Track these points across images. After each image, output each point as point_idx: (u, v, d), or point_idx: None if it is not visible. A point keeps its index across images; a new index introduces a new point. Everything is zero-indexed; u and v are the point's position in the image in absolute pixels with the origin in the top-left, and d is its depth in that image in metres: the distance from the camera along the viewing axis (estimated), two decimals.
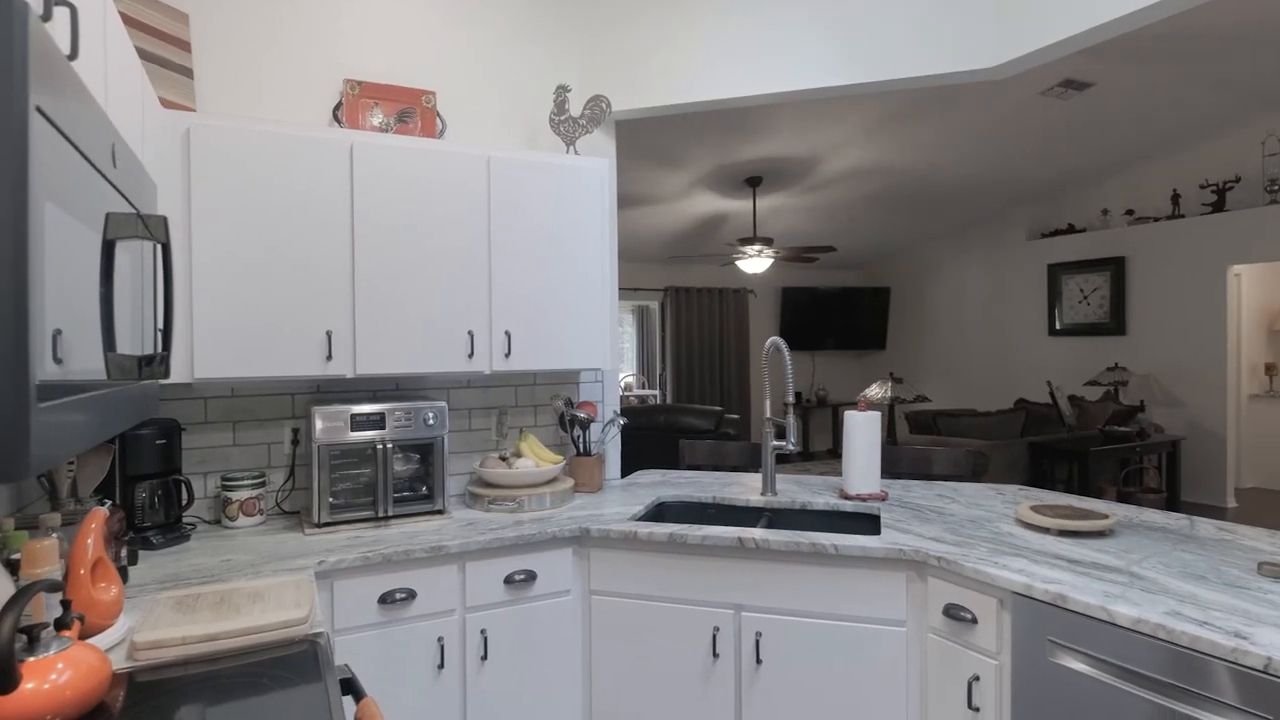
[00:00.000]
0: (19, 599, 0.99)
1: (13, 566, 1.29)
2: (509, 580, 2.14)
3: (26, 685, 1.00)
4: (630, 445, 5.10)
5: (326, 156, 2.20)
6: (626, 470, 4.65)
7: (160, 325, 1.32)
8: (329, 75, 2.55)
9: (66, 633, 1.10)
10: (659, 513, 2.59)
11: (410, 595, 2.01)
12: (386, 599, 1.98)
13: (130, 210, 1.14)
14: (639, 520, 2.32)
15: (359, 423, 2.23)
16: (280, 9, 2.47)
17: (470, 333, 2.40)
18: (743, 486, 2.71)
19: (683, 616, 2.12)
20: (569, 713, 2.23)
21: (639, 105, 2.89)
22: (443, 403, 2.35)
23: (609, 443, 2.96)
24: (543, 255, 2.53)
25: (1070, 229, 7.46)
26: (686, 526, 2.15)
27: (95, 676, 1.08)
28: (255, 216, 2.11)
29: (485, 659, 2.11)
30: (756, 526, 2.24)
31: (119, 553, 1.70)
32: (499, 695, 2.13)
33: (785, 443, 2.48)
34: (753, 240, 6.33)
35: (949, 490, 2.64)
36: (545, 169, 2.52)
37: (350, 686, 1.33)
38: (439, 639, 2.04)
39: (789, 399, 2.47)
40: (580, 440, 2.76)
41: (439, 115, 2.67)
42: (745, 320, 9.10)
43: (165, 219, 1.14)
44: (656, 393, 8.81)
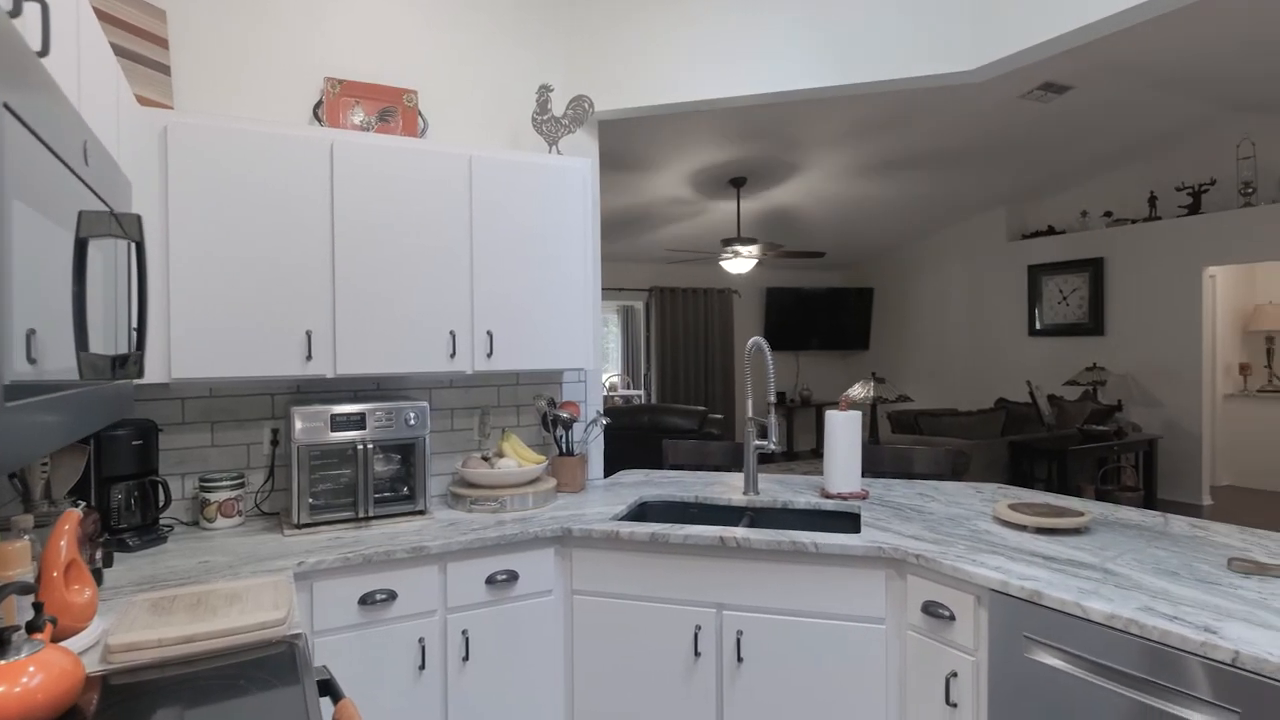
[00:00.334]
0: None
1: None
2: (491, 580, 2.14)
3: None
4: (614, 445, 5.10)
5: (306, 155, 2.19)
6: (610, 470, 4.64)
7: (134, 324, 1.31)
8: (309, 73, 2.53)
9: (38, 636, 1.09)
10: (641, 512, 2.59)
11: (391, 596, 2.00)
12: (367, 600, 1.97)
13: (103, 209, 1.13)
14: (621, 520, 2.33)
15: (339, 423, 2.22)
16: (260, 5, 2.45)
17: (452, 332, 2.39)
18: (725, 486, 2.72)
19: (664, 616, 2.13)
20: (551, 713, 2.23)
21: (622, 105, 2.89)
22: (424, 403, 2.34)
23: (592, 443, 2.96)
24: (525, 255, 2.52)
25: (1050, 230, 7.54)
26: (668, 526, 2.15)
27: (68, 680, 1.07)
28: (234, 215, 2.09)
29: (467, 659, 2.10)
30: (738, 526, 2.25)
31: (94, 555, 1.68)
32: (480, 696, 2.12)
33: (767, 442, 2.49)
34: (737, 241, 6.35)
35: (929, 489, 2.66)
36: (528, 169, 2.52)
37: (328, 688, 1.33)
38: (420, 640, 2.04)
39: (771, 399, 2.48)
40: (563, 440, 2.76)
41: (421, 114, 2.66)
42: (730, 320, 9.13)
43: (139, 217, 1.13)
44: (641, 393, 8.82)
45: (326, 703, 1.67)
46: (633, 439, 5.06)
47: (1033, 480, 5.66)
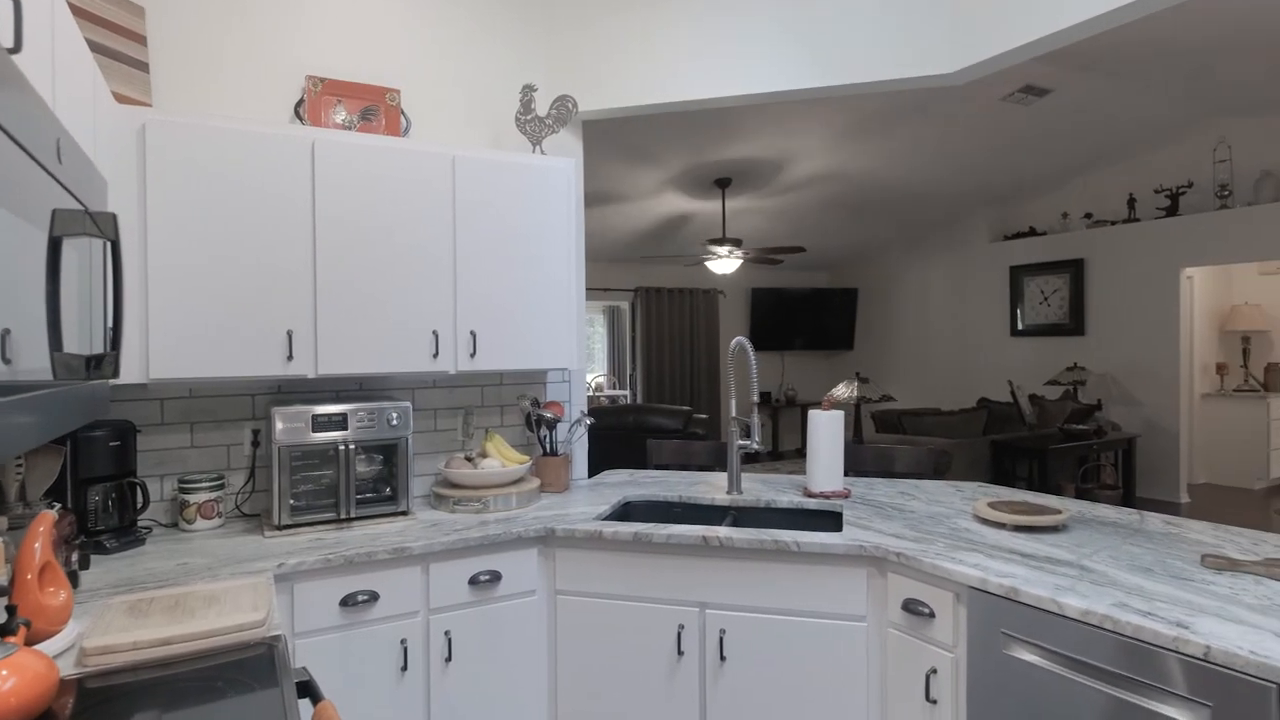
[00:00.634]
0: None
1: None
2: (474, 581, 2.13)
3: None
4: (599, 445, 5.10)
5: (287, 154, 2.17)
6: (595, 470, 4.64)
7: (110, 324, 1.29)
8: (290, 71, 2.51)
9: (11, 639, 1.07)
10: (625, 512, 2.60)
11: (373, 597, 1.99)
12: (348, 601, 1.95)
13: (78, 207, 1.11)
14: (605, 520, 2.33)
15: (321, 423, 2.20)
16: (241, 2, 2.43)
17: (435, 332, 2.39)
18: (709, 485, 2.73)
19: (648, 615, 2.13)
20: (534, 713, 2.22)
21: (605, 106, 2.89)
22: (407, 403, 2.33)
23: (576, 442, 2.96)
24: (509, 255, 2.52)
25: (1031, 232, 7.63)
26: (651, 525, 2.16)
27: (41, 683, 1.06)
28: (213, 214, 2.08)
29: (449, 660, 2.10)
30: (722, 525, 2.26)
31: (69, 557, 1.66)
32: (463, 696, 2.12)
33: (750, 442, 2.50)
34: (722, 241, 6.37)
35: (911, 487, 2.69)
36: (511, 169, 2.52)
37: (308, 689, 1.32)
38: (402, 641, 2.03)
39: (754, 398, 2.49)
40: (547, 440, 2.76)
41: (403, 113, 2.65)
42: (715, 320, 9.15)
43: (114, 216, 1.12)
44: (627, 393, 8.82)
45: (306, 704, 1.66)
46: (618, 439, 5.06)
47: (1014, 479, 5.72)
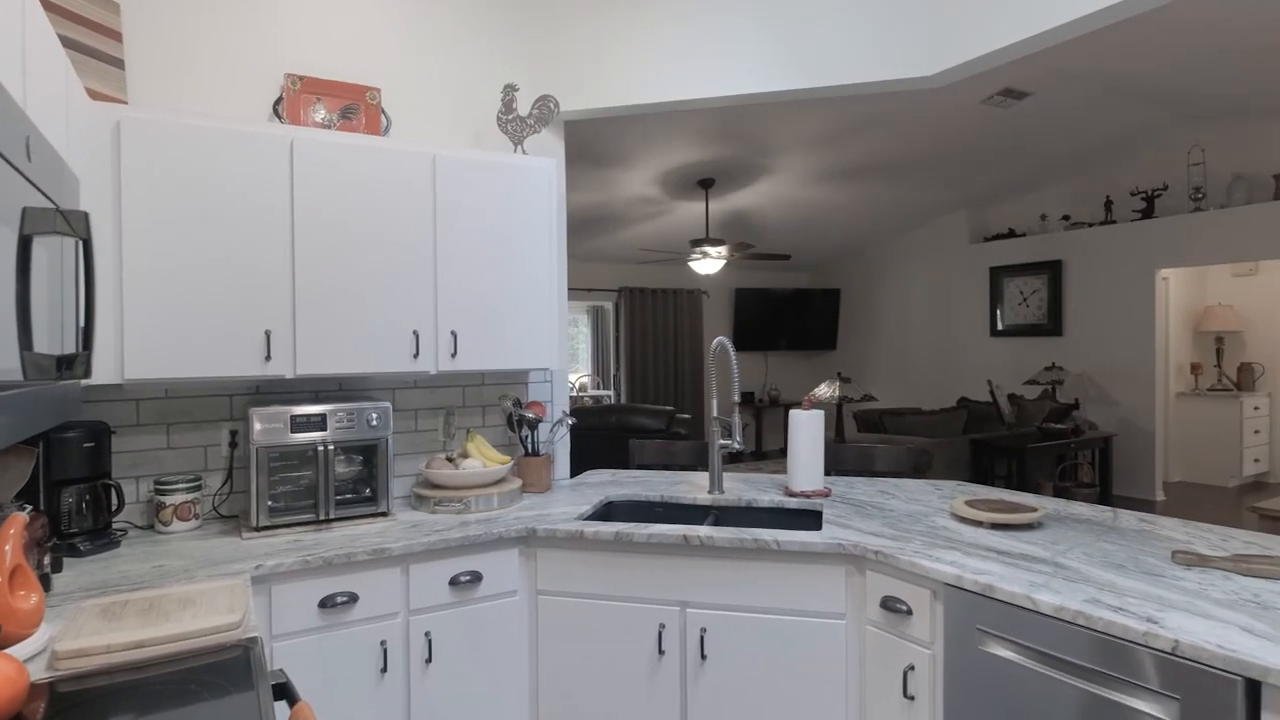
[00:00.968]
0: None
1: None
2: (454, 582, 2.12)
3: None
4: (582, 445, 5.10)
5: (266, 152, 2.15)
6: (578, 470, 4.64)
7: (82, 323, 1.28)
8: (269, 69, 2.49)
9: None
10: (607, 512, 2.60)
11: (352, 599, 1.98)
12: (327, 603, 1.94)
13: (49, 205, 1.10)
14: (586, 520, 2.33)
15: (299, 424, 2.19)
16: None
17: (415, 332, 2.38)
18: (691, 485, 2.74)
19: (629, 615, 2.14)
20: (515, 713, 2.22)
21: (587, 106, 2.89)
22: (387, 403, 2.32)
23: (558, 443, 2.96)
24: (490, 255, 2.51)
25: (1011, 233, 7.71)
26: (633, 525, 2.16)
27: (11, 687, 1.05)
28: (190, 212, 2.05)
29: (430, 662, 2.09)
30: (703, 524, 2.27)
31: (41, 560, 1.64)
32: (444, 698, 2.11)
33: (731, 441, 2.51)
34: (706, 241, 6.39)
35: (891, 486, 2.71)
36: (492, 168, 2.51)
37: (284, 691, 1.31)
38: (382, 642, 2.02)
39: (735, 398, 2.50)
40: (529, 440, 2.75)
41: (384, 112, 2.63)
42: (699, 321, 9.17)
43: (86, 214, 1.11)
44: (611, 393, 8.82)
45: (283, 707, 1.65)
46: (601, 439, 5.06)
47: (993, 477, 5.78)
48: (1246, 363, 7.32)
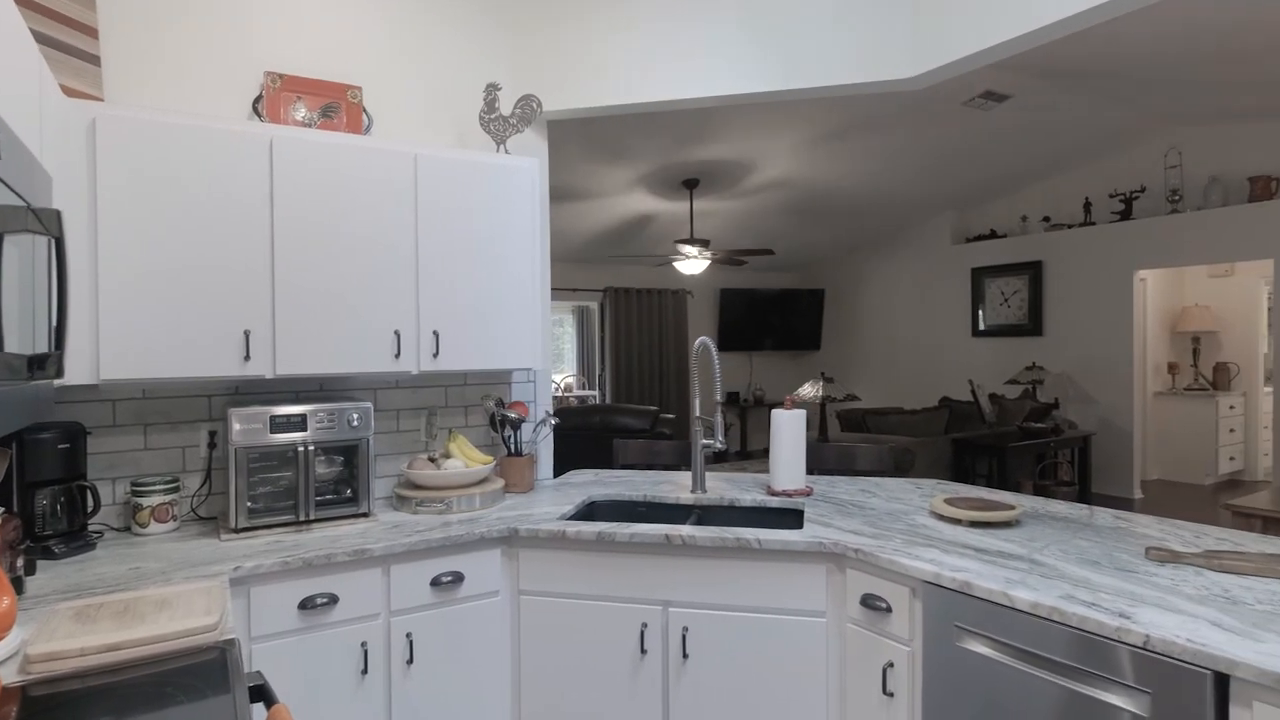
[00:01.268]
0: None
1: None
2: (436, 582, 2.12)
3: None
4: (566, 446, 5.09)
5: (245, 151, 2.13)
6: (562, 470, 4.63)
7: (54, 323, 1.26)
8: (249, 67, 2.47)
9: None
10: (590, 512, 2.60)
11: (332, 600, 1.97)
12: (307, 604, 1.93)
13: (19, 203, 1.09)
14: (569, 520, 2.33)
15: (279, 425, 2.17)
16: None
17: (397, 332, 2.37)
18: (674, 485, 2.75)
19: (611, 614, 2.14)
20: (497, 714, 2.22)
21: (570, 106, 2.89)
22: (368, 403, 2.31)
23: (541, 443, 2.96)
24: (472, 254, 2.51)
25: (992, 234, 7.79)
26: (615, 525, 2.16)
27: None
28: (168, 211, 2.03)
29: (411, 663, 2.08)
30: (686, 524, 2.28)
31: (14, 562, 1.62)
32: (425, 699, 2.10)
33: (713, 441, 2.52)
34: (690, 241, 6.40)
35: (872, 485, 2.73)
36: (475, 167, 2.50)
37: (262, 693, 1.30)
38: (362, 644, 2.01)
39: (718, 398, 2.51)
40: (511, 440, 2.75)
41: (365, 111, 2.62)
42: (684, 321, 9.19)
43: (59, 213, 1.09)
44: (596, 393, 8.82)
45: (260, 709, 1.64)
46: (585, 439, 5.06)
47: (974, 476, 5.83)
48: (1222, 362, 7.43)
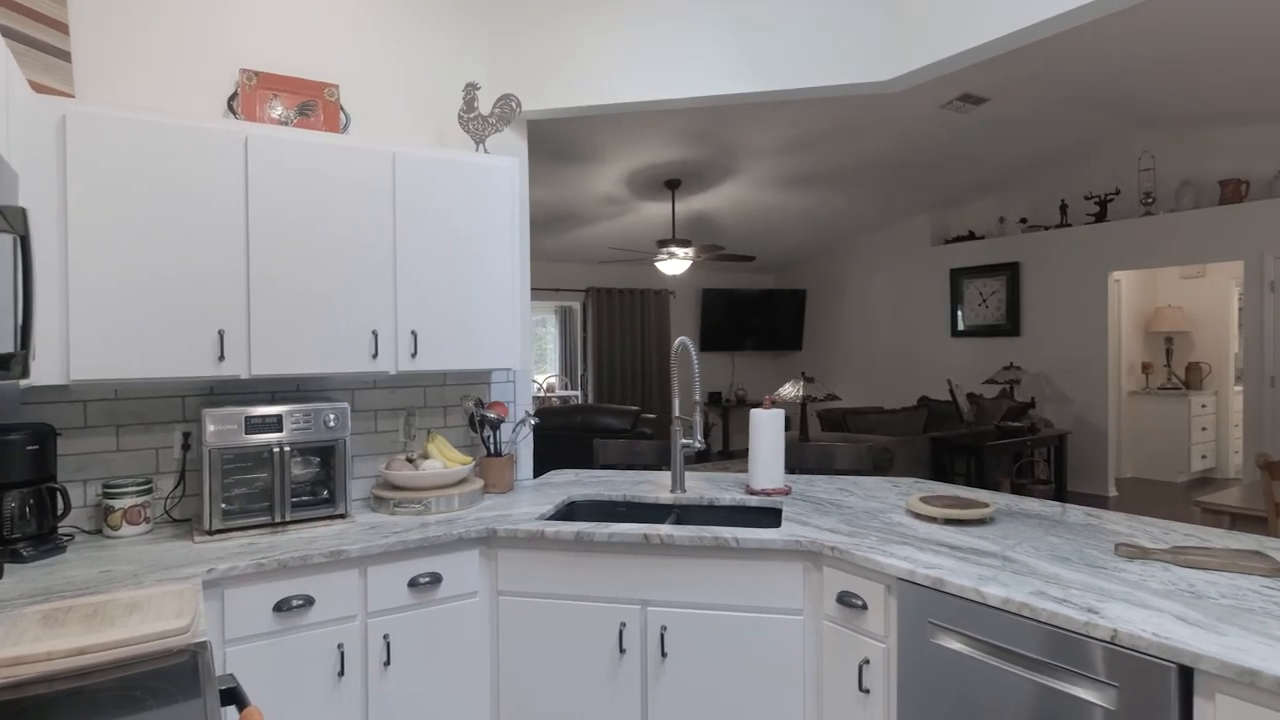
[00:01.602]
0: None
1: None
2: (413, 583, 2.11)
3: None
4: (547, 446, 5.08)
5: (219, 149, 2.11)
6: (543, 471, 4.63)
7: (20, 322, 1.24)
8: (224, 64, 2.44)
9: None
10: (569, 512, 2.60)
11: (308, 602, 1.95)
12: (282, 606, 1.91)
13: None
14: (548, 520, 2.33)
15: (254, 425, 2.15)
16: None
17: (374, 332, 2.35)
18: (653, 485, 2.75)
19: (590, 614, 2.14)
20: (476, 715, 2.21)
21: (550, 105, 2.89)
22: (345, 404, 2.29)
23: (520, 443, 2.95)
24: (451, 254, 2.50)
25: (971, 236, 7.87)
26: (594, 524, 2.16)
27: None
28: (140, 209, 2.01)
29: (388, 664, 2.07)
30: (665, 523, 2.28)
31: None
32: (402, 700, 2.09)
33: (692, 441, 2.53)
34: (672, 242, 6.41)
35: (850, 484, 2.75)
36: (453, 166, 2.49)
37: (234, 696, 1.29)
38: (339, 645, 1.99)
39: (696, 397, 2.52)
40: (491, 441, 2.74)
41: (343, 109, 2.60)
42: (666, 321, 9.20)
43: (24, 210, 1.08)
44: (578, 393, 8.81)
45: (233, 712, 1.62)
46: (566, 439, 5.05)
47: (952, 475, 5.89)
48: (1194, 362, 7.56)
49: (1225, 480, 7.41)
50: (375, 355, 2.35)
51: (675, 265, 6.74)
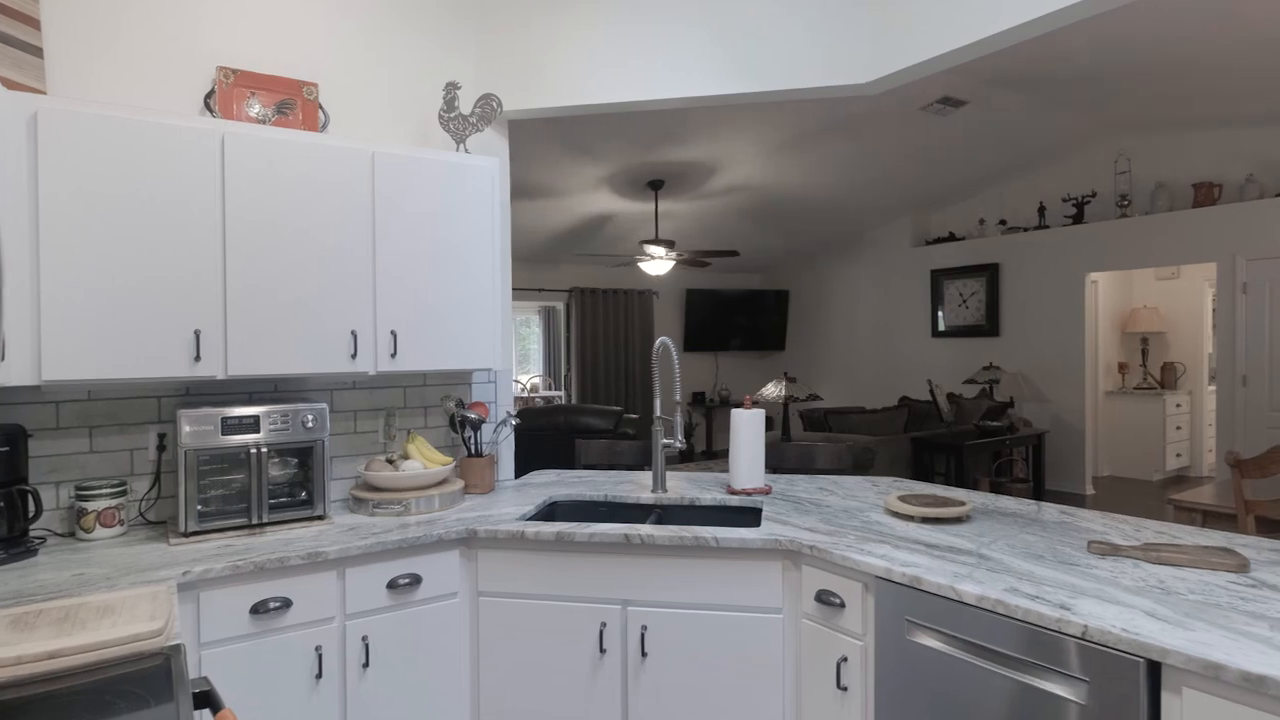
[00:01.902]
0: None
1: None
2: (393, 585, 2.10)
3: None
4: (530, 446, 5.07)
5: (195, 147, 2.09)
6: (525, 471, 4.62)
7: None
8: (201, 61, 2.42)
9: None
10: (551, 512, 2.60)
11: (285, 604, 1.94)
12: (259, 609, 1.90)
13: None
14: (529, 520, 2.32)
15: (231, 426, 2.13)
16: None
17: (354, 332, 2.34)
18: (635, 485, 2.76)
19: (571, 614, 2.14)
20: (456, 716, 2.20)
21: (531, 105, 2.89)
22: (323, 405, 2.28)
23: (501, 443, 2.94)
24: (430, 254, 2.49)
25: (951, 237, 7.95)
26: (574, 525, 2.16)
27: None
28: (114, 208, 1.98)
29: (367, 666, 2.06)
30: (646, 523, 2.29)
31: None
32: (381, 702, 2.08)
33: (673, 441, 2.53)
34: (655, 242, 6.42)
35: (830, 483, 2.77)
36: (433, 166, 2.49)
37: (208, 699, 1.28)
38: (317, 648, 1.98)
39: (677, 397, 2.53)
40: (471, 441, 2.73)
41: (322, 108, 2.58)
42: (650, 321, 9.21)
43: None
44: (561, 394, 8.79)
45: (207, 716, 1.61)
46: (549, 440, 5.04)
47: (932, 474, 5.95)
48: (1169, 362, 7.68)
49: (1199, 478, 7.54)
50: (354, 355, 2.34)
51: (659, 266, 6.75)
